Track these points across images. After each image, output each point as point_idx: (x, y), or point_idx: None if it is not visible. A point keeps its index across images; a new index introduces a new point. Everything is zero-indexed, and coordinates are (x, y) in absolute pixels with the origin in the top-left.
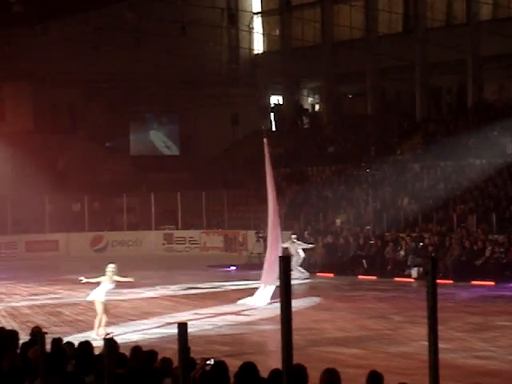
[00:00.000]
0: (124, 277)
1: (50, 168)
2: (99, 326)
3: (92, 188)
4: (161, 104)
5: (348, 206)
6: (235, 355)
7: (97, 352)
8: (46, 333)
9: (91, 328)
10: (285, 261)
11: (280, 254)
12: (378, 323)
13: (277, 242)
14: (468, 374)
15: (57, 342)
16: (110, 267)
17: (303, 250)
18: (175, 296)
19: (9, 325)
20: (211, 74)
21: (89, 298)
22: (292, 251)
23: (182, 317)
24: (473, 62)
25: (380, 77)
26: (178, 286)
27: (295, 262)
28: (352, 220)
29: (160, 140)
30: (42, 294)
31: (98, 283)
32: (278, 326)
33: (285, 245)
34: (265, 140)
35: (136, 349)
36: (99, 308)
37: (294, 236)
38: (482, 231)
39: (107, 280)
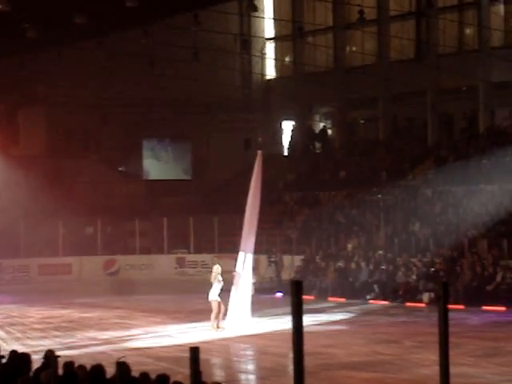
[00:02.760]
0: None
1: (63, 192)
2: (215, 319)
3: (105, 212)
4: (174, 129)
5: (359, 231)
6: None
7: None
8: (59, 356)
9: (105, 352)
10: (296, 284)
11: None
12: (389, 348)
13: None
14: None
15: (69, 365)
16: (215, 268)
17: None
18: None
19: (21, 348)
20: (224, 99)
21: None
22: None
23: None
24: (484, 87)
25: (392, 102)
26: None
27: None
28: (363, 245)
29: (173, 164)
30: (55, 318)
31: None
32: (285, 350)
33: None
34: (259, 152)
35: (145, 373)
36: (215, 306)
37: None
38: (492, 256)
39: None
